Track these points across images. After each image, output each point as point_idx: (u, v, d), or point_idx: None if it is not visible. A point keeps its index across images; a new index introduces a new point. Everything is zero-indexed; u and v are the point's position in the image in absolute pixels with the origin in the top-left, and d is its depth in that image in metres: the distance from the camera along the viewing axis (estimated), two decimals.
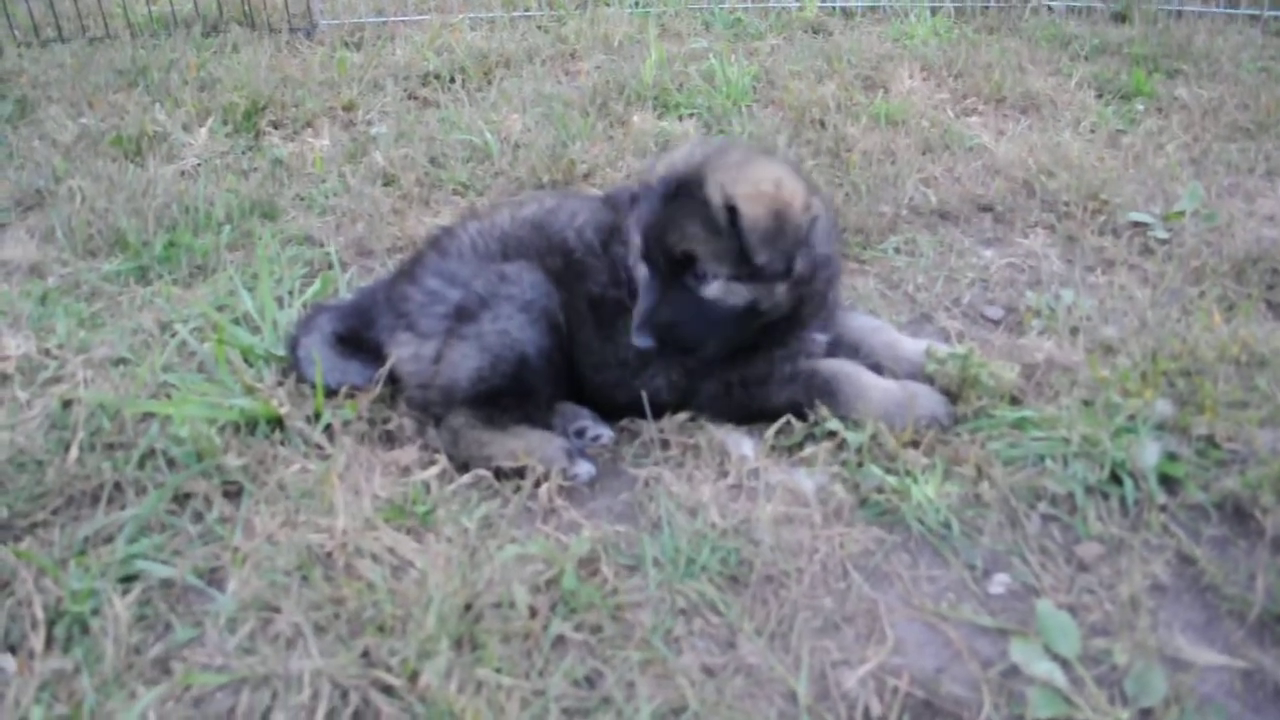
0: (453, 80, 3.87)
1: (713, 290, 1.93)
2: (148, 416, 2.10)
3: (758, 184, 1.89)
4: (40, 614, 1.69)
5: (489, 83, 3.82)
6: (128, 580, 1.77)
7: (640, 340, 1.93)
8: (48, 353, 2.39)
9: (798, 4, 4.45)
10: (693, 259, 1.91)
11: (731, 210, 1.86)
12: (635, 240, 1.98)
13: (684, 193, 1.92)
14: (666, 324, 1.93)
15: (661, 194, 1.94)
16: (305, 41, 4.61)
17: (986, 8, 4.45)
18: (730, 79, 3.54)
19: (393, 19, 4.68)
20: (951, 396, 2.04)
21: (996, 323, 2.40)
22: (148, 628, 1.69)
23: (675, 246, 1.91)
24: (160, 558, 1.80)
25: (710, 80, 3.59)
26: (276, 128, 3.57)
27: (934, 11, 4.32)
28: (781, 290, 1.95)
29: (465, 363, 2.02)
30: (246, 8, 4.79)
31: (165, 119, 3.65)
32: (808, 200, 1.95)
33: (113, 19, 4.89)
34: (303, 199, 3.03)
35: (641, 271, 2.00)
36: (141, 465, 2.01)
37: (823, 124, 3.26)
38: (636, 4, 4.53)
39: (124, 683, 1.58)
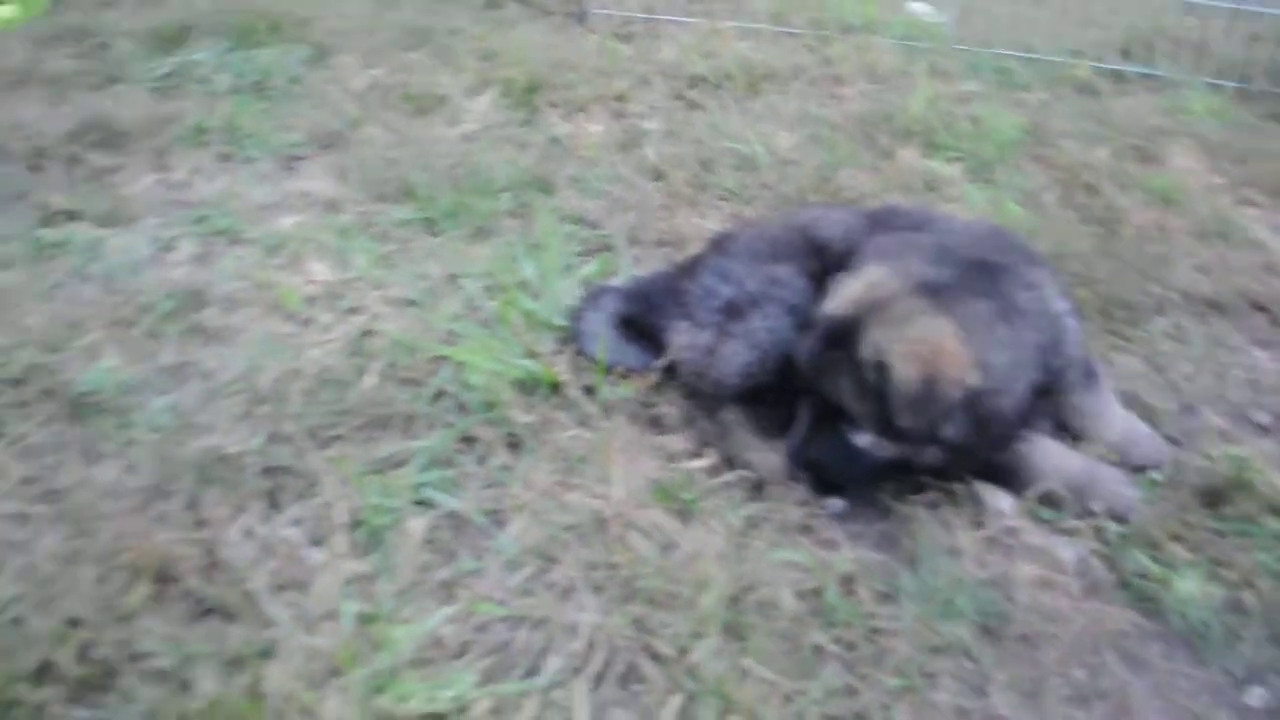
0: (719, 86, 3.97)
1: (862, 440, 1.92)
2: (438, 359, 2.28)
3: (914, 344, 1.81)
4: (344, 518, 1.87)
5: (755, 94, 3.91)
6: (419, 505, 1.93)
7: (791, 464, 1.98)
8: (346, 284, 2.60)
9: (1068, 60, 4.37)
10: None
11: (880, 369, 1.81)
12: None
13: (842, 340, 1.87)
14: (815, 460, 1.96)
15: (823, 336, 1.92)
16: (576, 27, 4.80)
17: (1276, 93, 4.26)
18: (998, 127, 3.52)
19: (661, 17, 4.82)
20: (1215, 498, 2.01)
21: (1265, 429, 2.34)
22: (435, 551, 1.85)
23: (829, 394, 1.92)
24: (448, 490, 1.96)
25: (977, 125, 3.58)
26: (553, 106, 3.74)
27: (1213, 88, 4.17)
28: (933, 451, 1.90)
29: (735, 358, 2.11)
30: None
31: (449, 83, 3.88)
32: (967, 366, 1.82)
33: None
34: (577, 180, 3.18)
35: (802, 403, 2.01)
36: (432, 402, 2.18)
37: (1094, 190, 3.21)
38: (903, 36, 4.54)
39: (414, 597, 1.74)
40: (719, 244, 2.35)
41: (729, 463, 2.06)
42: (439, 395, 2.19)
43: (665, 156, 3.31)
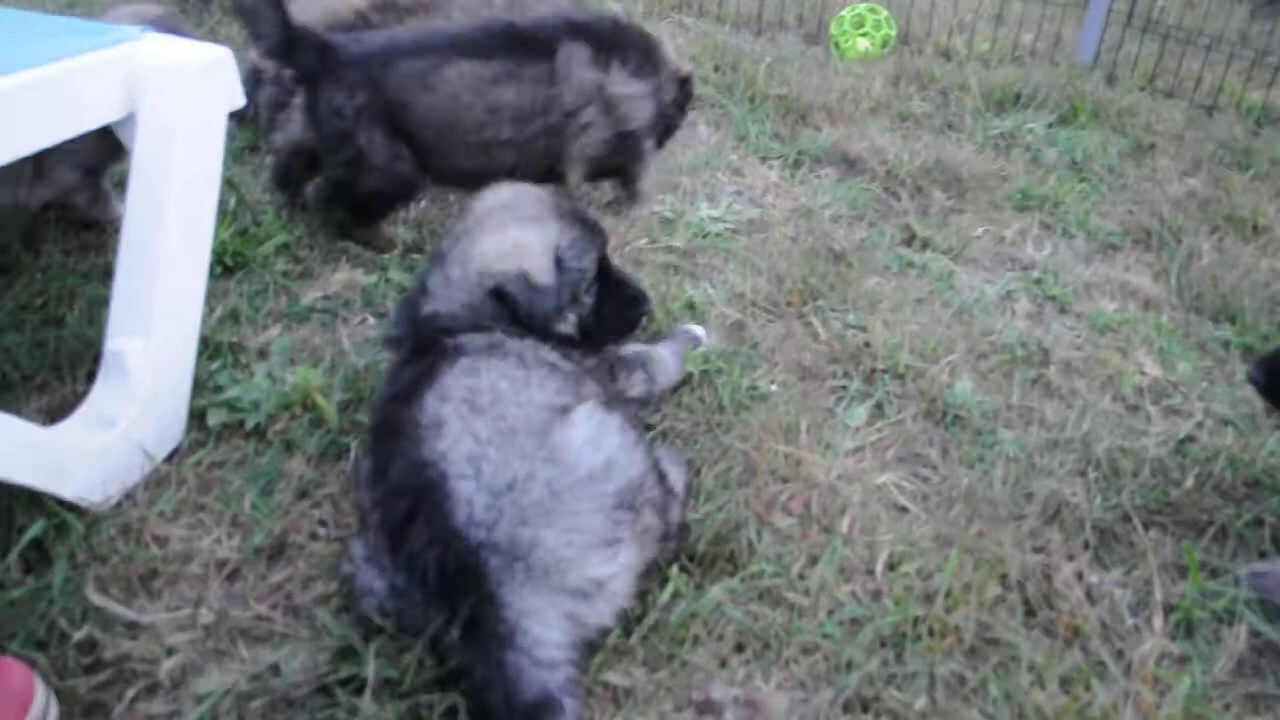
0: None
1: None
2: (1257, 486, 2.36)
3: None
4: (1161, 598, 2.06)
5: None
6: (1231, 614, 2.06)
7: None
8: (1173, 384, 2.77)
9: None
10: None
11: None
12: None
13: None
14: None
15: None
16: None
17: None
18: None
19: None
20: None
21: None
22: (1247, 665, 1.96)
23: None
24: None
25: None
26: None
27: None
28: None
29: None
30: None
31: (1273, 212, 3.83)
32: None
33: (1223, 93, 5.18)
34: None
35: None
36: (1249, 527, 2.28)
37: None
38: None
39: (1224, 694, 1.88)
40: None
41: None
42: (1257, 522, 2.27)
43: None
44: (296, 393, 2.27)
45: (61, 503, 1.91)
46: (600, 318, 2.21)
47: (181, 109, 2.11)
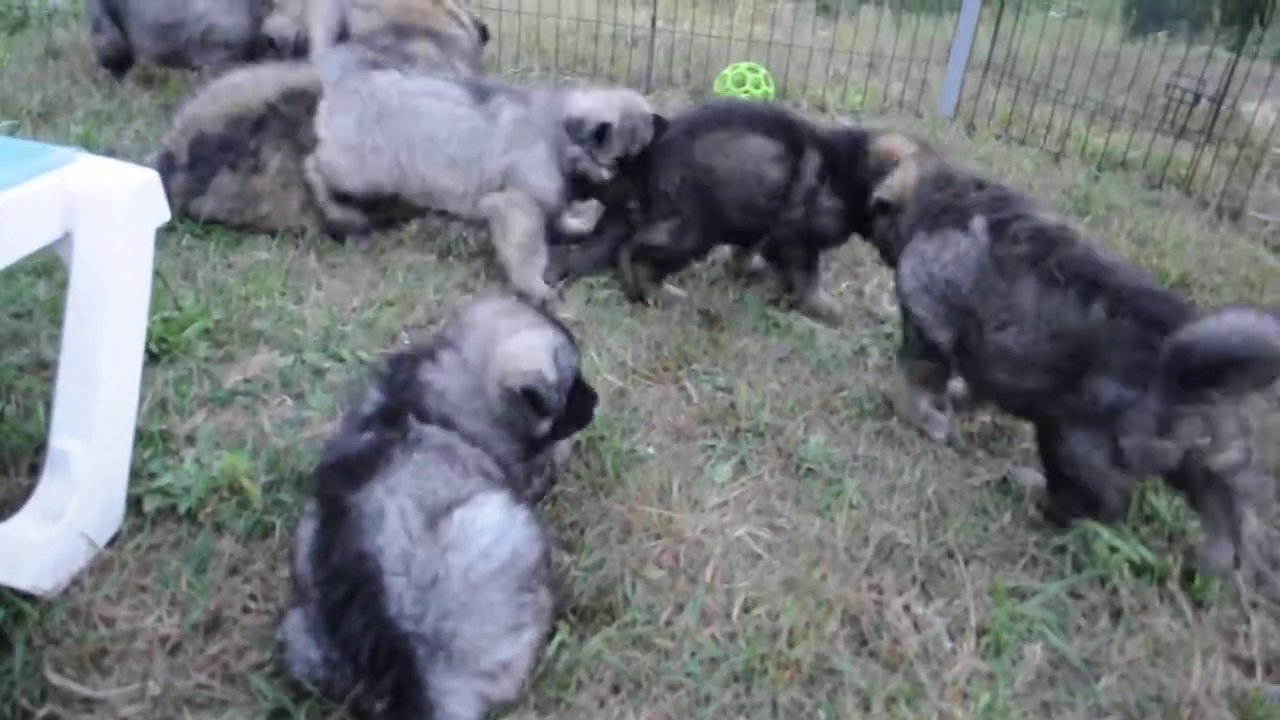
0: None
1: None
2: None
3: None
4: (974, 624, 2.46)
5: None
6: (1030, 634, 2.47)
7: None
8: (999, 428, 3.20)
9: None
10: None
11: None
12: None
13: None
14: None
15: None
16: (1229, 223, 5.00)
17: None
18: None
19: None
20: None
21: None
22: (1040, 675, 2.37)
23: None
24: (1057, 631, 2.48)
25: None
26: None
27: None
28: None
29: None
30: (1191, 173, 5.30)
31: None
32: None
33: (1070, 138, 5.72)
34: None
35: None
36: (1055, 553, 2.70)
37: None
38: None
39: (1022, 703, 2.28)
40: None
41: None
42: (1060, 549, 2.70)
43: None
44: (223, 477, 2.54)
45: (16, 592, 2.16)
46: (566, 413, 2.50)
47: (115, 228, 2.35)
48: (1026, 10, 7.19)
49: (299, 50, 4.81)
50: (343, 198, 3.86)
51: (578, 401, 2.52)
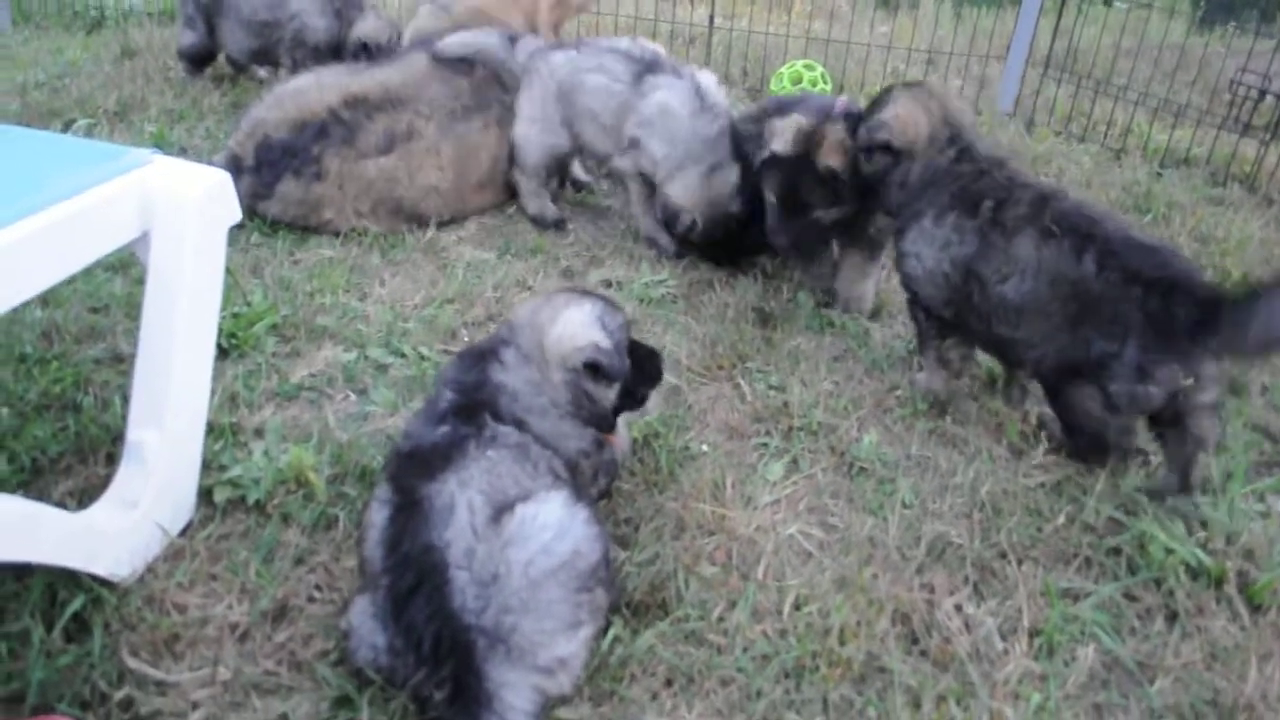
0: None
1: None
2: (1116, 522, 2.78)
3: None
4: (1027, 624, 2.46)
5: None
6: (1084, 636, 2.46)
7: None
8: None
9: None
10: None
11: None
12: None
13: None
14: None
15: None
16: None
17: None
18: None
19: None
20: None
21: None
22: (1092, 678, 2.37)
23: None
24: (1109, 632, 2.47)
25: None
26: None
27: None
28: None
29: None
30: (1255, 170, 5.20)
31: None
32: None
33: (1131, 135, 5.63)
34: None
35: None
36: (1109, 555, 2.69)
37: None
38: None
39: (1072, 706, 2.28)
40: None
41: None
42: (1115, 551, 2.68)
43: None
44: (290, 470, 2.63)
45: (95, 579, 2.26)
46: (634, 376, 2.56)
47: (189, 228, 2.44)
48: (1090, 1, 7.09)
49: (391, 54, 4.88)
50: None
51: (641, 360, 2.58)
